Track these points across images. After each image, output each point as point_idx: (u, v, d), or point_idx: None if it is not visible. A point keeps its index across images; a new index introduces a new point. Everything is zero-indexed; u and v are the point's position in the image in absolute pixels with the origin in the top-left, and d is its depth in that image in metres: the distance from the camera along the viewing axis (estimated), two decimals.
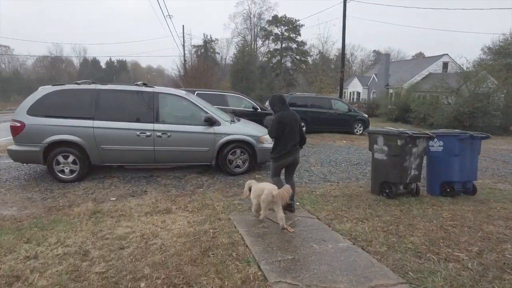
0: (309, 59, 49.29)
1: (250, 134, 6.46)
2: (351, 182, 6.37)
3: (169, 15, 29.24)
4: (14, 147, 5.66)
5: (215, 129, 6.20)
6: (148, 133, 5.86)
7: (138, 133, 5.82)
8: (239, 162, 6.48)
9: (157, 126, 5.93)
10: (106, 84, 6.07)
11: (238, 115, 8.29)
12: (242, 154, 6.44)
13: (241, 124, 6.86)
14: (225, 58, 56.65)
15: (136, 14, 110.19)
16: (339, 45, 36.96)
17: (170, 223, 3.92)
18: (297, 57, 50.43)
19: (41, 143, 5.56)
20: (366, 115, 15.52)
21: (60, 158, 5.70)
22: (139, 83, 6.34)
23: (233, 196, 5.19)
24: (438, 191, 5.49)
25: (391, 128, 5.64)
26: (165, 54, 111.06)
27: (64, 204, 4.80)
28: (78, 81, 6.00)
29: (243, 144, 6.39)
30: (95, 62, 67.00)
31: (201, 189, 5.59)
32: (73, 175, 5.80)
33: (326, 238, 3.38)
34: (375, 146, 5.50)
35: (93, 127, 5.68)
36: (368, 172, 7.15)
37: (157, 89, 6.25)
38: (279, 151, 4.03)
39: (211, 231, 3.58)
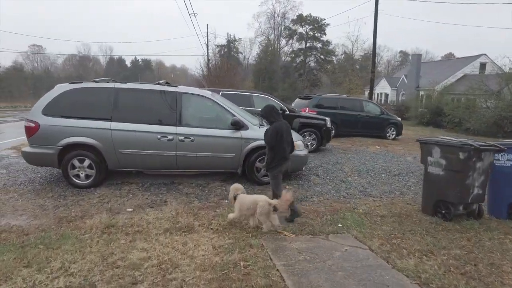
0: (334, 59, 47.95)
1: None
2: (396, 197, 5.59)
3: (194, 13, 28.95)
4: (28, 149, 5.27)
5: (243, 133, 5.58)
6: (170, 137, 5.32)
7: (159, 136, 5.30)
8: None
9: (180, 129, 5.38)
10: (126, 83, 5.58)
11: None
12: None
13: None
14: (248, 58, 56.11)
15: (160, 14, 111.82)
16: (366, 45, 35.61)
17: (193, 247, 3.32)
18: (322, 56, 49.14)
19: (56, 145, 5.14)
20: (399, 119, 14.46)
21: (76, 162, 5.26)
22: (161, 81, 5.82)
23: None
24: (505, 213, 4.63)
25: (449, 137, 4.81)
26: (188, 53, 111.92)
27: (76, 215, 4.34)
28: (96, 79, 5.54)
29: None
30: (121, 60, 68.29)
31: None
32: (89, 181, 5.35)
33: (389, 282, 2.66)
34: (429, 158, 4.70)
35: (110, 129, 5.20)
36: (412, 185, 6.34)
37: (181, 88, 5.69)
38: (278, 159, 4.15)
39: (241, 263, 2.94)
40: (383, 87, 36.38)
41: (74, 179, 5.32)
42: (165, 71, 70.57)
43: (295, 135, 6.55)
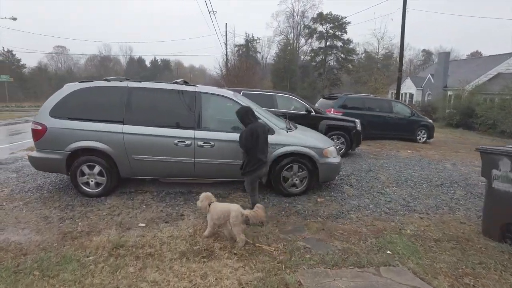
0: (355, 58, 46.58)
1: (311, 145, 5.13)
2: (445, 213, 4.82)
3: (213, 11, 28.67)
4: (35, 153, 4.84)
5: (269, 138, 4.93)
6: (187, 142, 4.76)
7: (176, 141, 4.74)
8: (296, 180, 5.17)
9: (199, 133, 4.81)
10: (140, 81, 5.07)
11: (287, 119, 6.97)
12: (300, 170, 5.13)
13: (299, 132, 5.54)
14: (266, 58, 55.36)
15: (179, 13, 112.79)
16: (391, 42, 34.27)
17: (214, 282, 2.72)
18: (342, 55, 47.81)
19: (64, 150, 4.68)
20: (431, 121, 13.45)
21: (85, 169, 4.79)
22: (179, 80, 5.27)
23: (294, 231, 3.91)
24: None
25: None
26: (207, 53, 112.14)
27: (82, 230, 3.84)
28: (108, 78, 5.05)
29: (302, 158, 5.09)
30: (141, 61, 69.00)
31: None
32: (99, 189, 4.86)
33: None
34: (494, 171, 3.92)
35: (123, 133, 4.69)
36: (460, 198, 5.53)
37: (200, 88, 5.13)
38: (255, 162, 4.02)
39: None
40: (408, 87, 34.86)
41: (84, 187, 4.86)
42: (184, 71, 70.87)
43: (325, 139, 5.88)
